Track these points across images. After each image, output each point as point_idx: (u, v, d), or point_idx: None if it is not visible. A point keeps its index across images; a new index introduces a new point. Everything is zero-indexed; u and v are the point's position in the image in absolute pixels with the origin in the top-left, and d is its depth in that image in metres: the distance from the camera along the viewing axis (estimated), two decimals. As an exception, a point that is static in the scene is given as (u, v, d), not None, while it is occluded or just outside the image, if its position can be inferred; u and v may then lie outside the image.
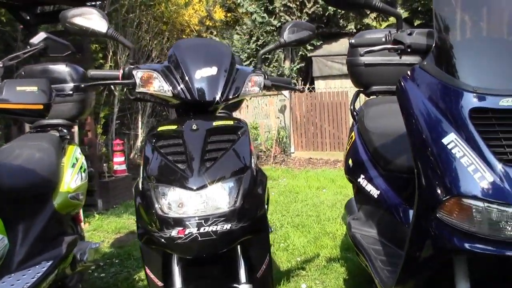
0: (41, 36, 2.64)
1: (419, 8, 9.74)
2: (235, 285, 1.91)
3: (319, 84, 11.31)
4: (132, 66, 2.06)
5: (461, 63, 1.80)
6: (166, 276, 1.95)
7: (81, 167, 3.17)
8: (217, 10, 11.90)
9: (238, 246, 1.91)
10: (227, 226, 1.73)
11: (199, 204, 1.74)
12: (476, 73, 1.78)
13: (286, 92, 11.32)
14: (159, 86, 2.00)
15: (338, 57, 10.28)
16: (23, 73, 3.12)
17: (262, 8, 10.95)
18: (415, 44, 1.97)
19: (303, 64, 11.32)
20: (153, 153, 1.90)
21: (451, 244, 1.67)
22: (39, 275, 2.31)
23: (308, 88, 11.09)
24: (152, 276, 1.98)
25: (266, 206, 2.03)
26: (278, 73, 11.25)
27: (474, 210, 1.60)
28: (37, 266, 2.41)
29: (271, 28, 10.96)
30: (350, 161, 3.04)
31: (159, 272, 1.97)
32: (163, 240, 1.74)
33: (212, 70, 1.99)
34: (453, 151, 1.65)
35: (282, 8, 10.58)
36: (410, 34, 2.09)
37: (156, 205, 1.74)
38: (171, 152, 1.86)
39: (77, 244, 2.90)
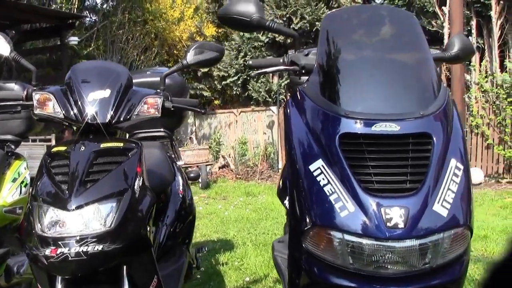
0: None
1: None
2: None
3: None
4: (35, 88, 2.06)
5: (337, 86, 1.75)
6: None
7: (22, 182, 3.17)
8: (208, 26, 11.94)
9: (124, 267, 1.90)
10: (99, 247, 1.73)
11: (74, 224, 1.74)
12: (352, 96, 1.72)
13: (274, 108, 11.33)
14: (53, 108, 2.01)
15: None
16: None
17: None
18: (308, 65, 1.93)
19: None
20: (43, 173, 1.90)
21: (321, 278, 1.61)
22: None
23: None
24: None
25: (147, 227, 2.00)
26: (266, 88, 11.24)
27: (334, 241, 1.54)
28: None
29: (259, 43, 10.96)
30: (281, 182, 2.99)
31: None
32: (40, 258, 1.75)
33: (105, 93, 2.00)
34: (318, 178, 1.60)
35: (269, 24, 10.58)
36: (307, 54, 2.05)
37: (37, 224, 1.76)
38: (58, 173, 1.87)
39: (14, 256, 2.90)
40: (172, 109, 2.25)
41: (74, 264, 1.72)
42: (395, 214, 1.49)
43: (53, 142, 6.87)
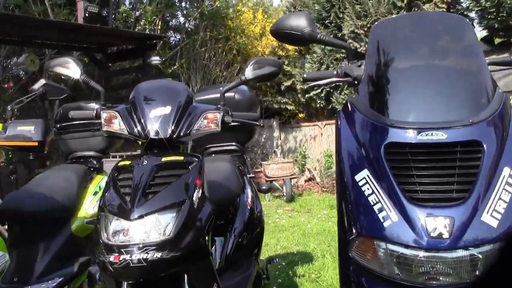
0: (40, 82, 2.95)
1: (496, 26, 9.20)
2: None
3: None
4: (103, 107, 2.24)
5: (384, 96, 1.75)
6: None
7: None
8: (288, 40, 12.05)
9: (185, 275, 2.00)
10: (158, 255, 1.82)
11: (136, 233, 1.86)
12: (399, 106, 1.71)
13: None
14: (118, 125, 2.16)
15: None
16: (61, 111, 3.45)
17: (331, 36, 10.94)
18: (360, 76, 1.94)
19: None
20: (109, 186, 2.05)
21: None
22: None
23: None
24: None
25: (206, 237, 2.08)
26: (338, 99, 11.11)
27: (379, 251, 1.53)
28: (49, 282, 2.68)
29: (341, 55, 10.88)
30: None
31: None
32: (106, 265, 1.87)
33: (166, 110, 2.12)
34: (363, 188, 1.60)
35: (350, 35, 10.49)
36: (360, 65, 2.06)
37: (103, 233, 1.90)
38: (123, 185, 2.00)
39: (95, 264, 3.13)
40: (231, 123, 2.33)
41: (136, 270, 1.83)
42: (440, 224, 1.46)
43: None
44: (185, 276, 2.00)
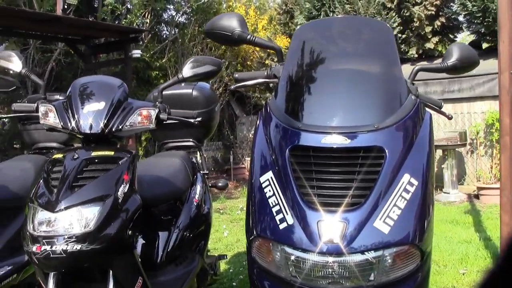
0: None
1: (483, 30, 9.18)
2: None
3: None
4: (43, 101, 2.27)
5: (294, 99, 1.75)
6: None
7: None
8: (278, 38, 12.05)
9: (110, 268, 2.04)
10: (77, 247, 1.87)
11: (59, 225, 1.90)
12: (307, 110, 1.72)
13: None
14: (53, 120, 2.18)
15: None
16: (25, 102, 3.44)
17: (322, 35, 10.94)
18: None
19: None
20: (41, 178, 2.09)
21: None
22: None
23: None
24: None
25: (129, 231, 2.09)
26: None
27: (275, 253, 1.54)
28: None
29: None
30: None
31: None
32: (29, 255, 1.92)
33: (100, 105, 2.15)
34: (265, 189, 1.61)
35: (340, 34, 10.49)
36: None
37: (30, 224, 1.94)
38: (53, 178, 2.03)
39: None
40: (167, 121, 2.34)
41: (55, 261, 1.87)
42: (332, 228, 1.47)
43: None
44: (111, 271, 2.02)
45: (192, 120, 2.44)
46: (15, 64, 2.37)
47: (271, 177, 1.62)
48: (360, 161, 1.57)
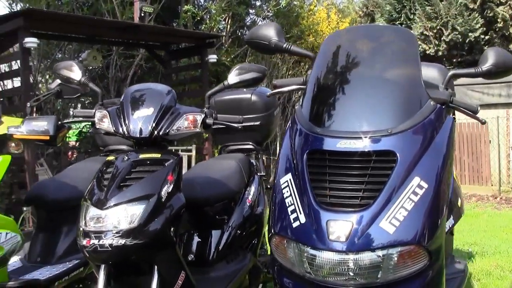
0: (56, 82, 3.26)
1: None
2: None
3: (460, 114, 10.57)
4: (100, 107, 2.51)
5: (316, 106, 1.84)
6: None
7: None
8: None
9: (155, 262, 2.21)
10: (122, 241, 2.05)
11: (107, 221, 2.09)
12: (327, 116, 1.81)
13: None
14: (107, 124, 2.41)
15: (478, 85, 9.57)
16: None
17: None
18: None
19: (444, 94, 10.71)
20: (94, 178, 2.30)
21: (285, 285, 1.73)
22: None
23: (449, 119, 10.48)
24: None
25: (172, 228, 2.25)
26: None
27: (289, 250, 1.65)
28: (67, 263, 2.95)
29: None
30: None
31: None
32: (81, 248, 2.13)
33: (149, 111, 2.33)
34: (283, 190, 1.72)
35: (419, 37, 10.24)
36: None
37: (82, 220, 2.15)
38: (106, 178, 2.24)
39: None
40: (213, 126, 2.49)
41: (102, 254, 2.07)
42: (339, 228, 1.56)
43: (193, 152, 7.58)
44: (155, 266, 2.20)
45: (236, 125, 2.58)
46: (76, 73, 2.55)
47: (290, 179, 1.73)
48: (372, 164, 1.64)
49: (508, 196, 8.60)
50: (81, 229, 2.12)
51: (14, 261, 2.89)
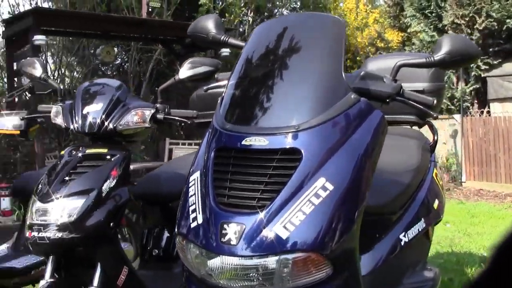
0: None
1: None
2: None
3: (495, 108, 10.13)
4: (60, 103, 2.53)
5: (228, 102, 1.74)
6: None
7: None
8: (387, 31, 11.65)
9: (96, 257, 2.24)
10: (59, 235, 2.09)
11: (48, 214, 2.13)
12: (236, 112, 1.73)
13: (457, 116, 10.51)
14: (60, 120, 2.43)
15: (516, 76, 9.13)
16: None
17: (432, 27, 10.36)
18: None
19: (477, 86, 10.29)
20: (45, 172, 2.33)
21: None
22: None
23: (483, 112, 10.08)
24: None
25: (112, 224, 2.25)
26: (449, 95, 10.44)
27: (186, 250, 1.57)
28: None
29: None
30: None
31: None
32: (25, 241, 2.19)
33: (98, 106, 2.35)
34: (190, 189, 1.64)
35: (450, 25, 9.84)
36: None
37: (28, 213, 2.21)
38: (54, 172, 2.27)
39: None
40: (163, 121, 2.46)
41: (41, 246, 2.12)
42: (231, 230, 1.46)
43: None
44: (96, 258, 2.23)
45: (189, 121, 2.52)
46: (37, 70, 2.60)
47: (197, 177, 1.64)
48: (274, 163, 1.53)
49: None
50: (27, 222, 2.16)
51: (2, 249, 2.98)
